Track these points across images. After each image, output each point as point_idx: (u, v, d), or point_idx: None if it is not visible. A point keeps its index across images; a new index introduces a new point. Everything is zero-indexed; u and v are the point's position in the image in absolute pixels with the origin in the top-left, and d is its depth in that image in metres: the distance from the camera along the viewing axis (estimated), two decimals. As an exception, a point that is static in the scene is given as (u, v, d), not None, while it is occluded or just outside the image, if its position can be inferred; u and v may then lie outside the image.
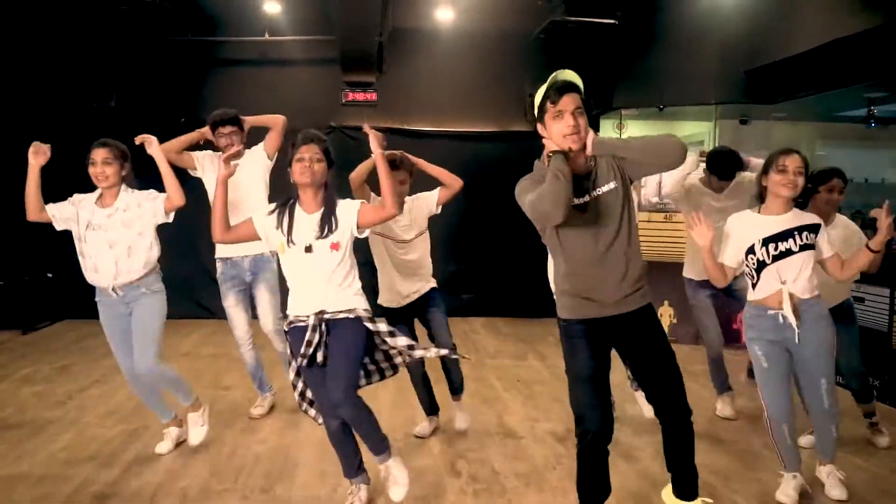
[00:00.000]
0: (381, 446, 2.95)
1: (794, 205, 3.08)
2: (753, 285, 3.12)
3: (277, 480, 3.36)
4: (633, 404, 4.19)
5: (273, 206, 2.95)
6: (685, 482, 2.77)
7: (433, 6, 7.52)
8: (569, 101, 2.46)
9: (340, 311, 2.85)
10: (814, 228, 3.06)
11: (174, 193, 3.44)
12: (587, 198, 2.51)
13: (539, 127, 2.55)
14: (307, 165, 2.81)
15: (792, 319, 2.99)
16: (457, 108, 7.90)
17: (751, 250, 3.07)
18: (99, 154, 3.46)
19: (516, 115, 7.90)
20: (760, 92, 7.08)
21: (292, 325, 2.91)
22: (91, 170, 3.48)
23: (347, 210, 2.87)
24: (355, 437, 2.99)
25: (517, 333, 7.01)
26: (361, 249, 3.17)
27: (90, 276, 3.54)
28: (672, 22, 7.24)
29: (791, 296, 3.01)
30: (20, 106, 7.28)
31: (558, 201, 2.32)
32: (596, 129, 8.18)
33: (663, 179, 5.64)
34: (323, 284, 2.85)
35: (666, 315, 6.81)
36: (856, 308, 3.99)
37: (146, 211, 3.49)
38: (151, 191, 3.57)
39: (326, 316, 2.84)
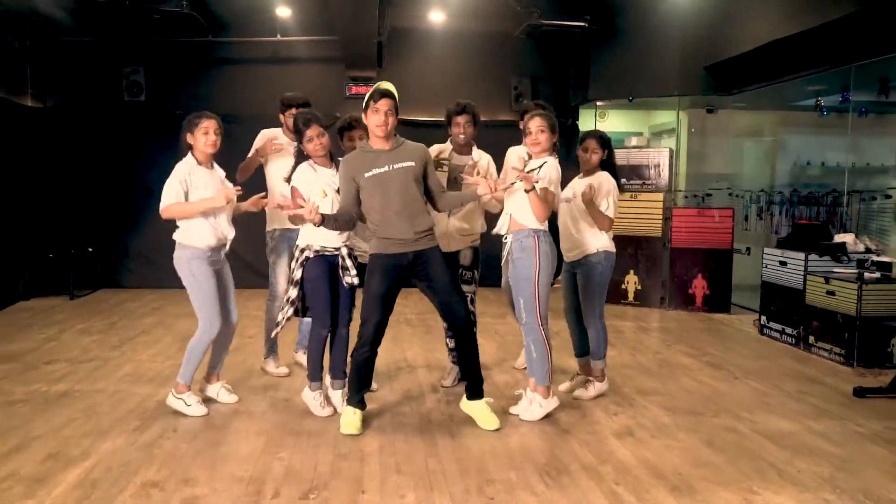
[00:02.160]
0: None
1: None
2: None
3: (295, 399, 4.32)
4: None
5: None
6: (473, 384, 3.77)
7: (427, 9, 8.46)
8: (384, 104, 3.57)
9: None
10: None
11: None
12: (387, 168, 3.60)
13: (363, 115, 3.65)
14: (322, 142, 3.86)
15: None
16: (448, 99, 8.73)
17: None
18: (213, 124, 3.87)
19: (502, 106, 8.84)
20: (718, 84, 7.99)
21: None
22: (206, 139, 3.85)
23: None
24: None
25: (500, 300, 7.95)
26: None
27: (222, 236, 3.95)
28: (635, 23, 8.16)
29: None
30: (63, 103, 8.29)
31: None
32: (575, 117, 9.14)
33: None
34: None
35: (632, 282, 7.75)
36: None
37: None
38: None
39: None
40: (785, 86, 7.71)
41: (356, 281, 3.89)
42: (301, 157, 3.95)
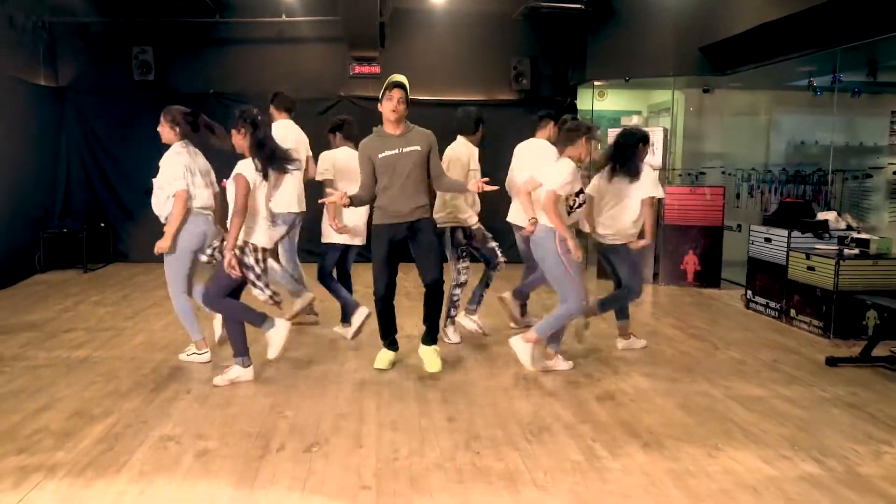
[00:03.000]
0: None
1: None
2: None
3: (301, 362, 4.61)
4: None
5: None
6: (429, 332, 4.41)
7: (428, -10, 8.63)
8: (397, 93, 4.13)
9: None
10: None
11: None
12: (397, 151, 4.15)
13: (379, 105, 4.19)
14: None
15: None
16: (450, 78, 9.06)
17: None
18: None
19: (501, 85, 9.05)
20: (712, 65, 8.16)
21: None
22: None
23: None
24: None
25: (503, 275, 8.21)
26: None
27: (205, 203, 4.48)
28: (631, 4, 8.31)
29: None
30: (83, 78, 8.54)
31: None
32: (574, 97, 9.33)
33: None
34: None
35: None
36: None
37: None
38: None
39: None
40: (779, 66, 7.88)
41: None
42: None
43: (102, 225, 8.53)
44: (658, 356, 4.88)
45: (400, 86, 4.13)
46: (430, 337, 4.43)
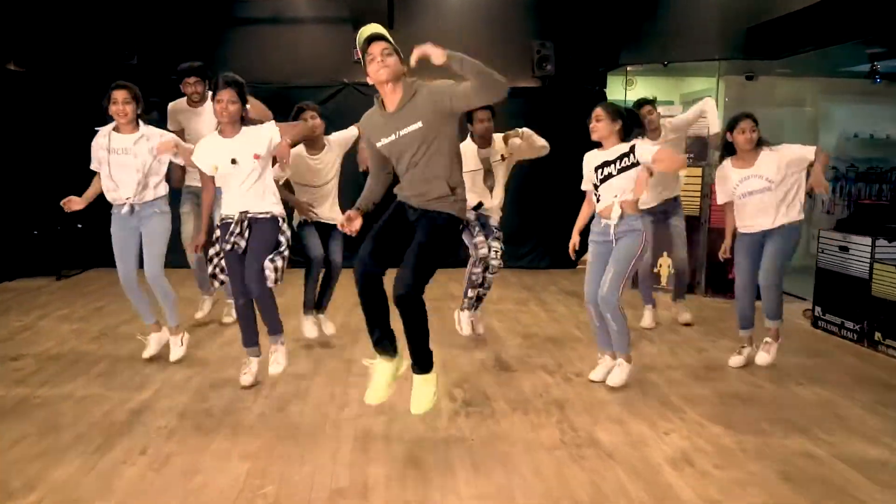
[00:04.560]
0: (276, 328, 3.92)
1: (618, 139, 3.92)
2: (597, 199, 4.04)
3: (292, 400, 3.74)
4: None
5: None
6: (412, 356, 3.18)
7: (442, -36, 7.70)
8: (375, 47, 2.98)
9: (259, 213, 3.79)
10: (631, 152, 3.85)
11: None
12: (394, 136, 3.08)
13: (367, 77, 3.06)
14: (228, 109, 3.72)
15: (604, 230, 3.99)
16: (466, 64, 8.11)
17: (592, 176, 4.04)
18: (120, 95, 4.14)
19: (522, 71, 8.10)
20: (762, 48, 7.21)
21: (223, 221, 3.85)
22: (113, 108, 4.14)
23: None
24: (256, 316, 3.90)
25: (522, 282, 7.34)
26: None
27: (111, 195, 4.27)
28: (675, -22, 7.36)
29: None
30: (49, 65, 7.64)
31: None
32: (603, 84, 8.39)
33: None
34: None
35: (665, 266, 7.09)
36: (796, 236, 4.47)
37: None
38: (164, 131, 4.36)
39: (249, 215, 3.78)
40: (836, 49, 6.94)
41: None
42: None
43: (80, 226, 7.63)
44: (728, 393, 3.97)
45: (374, 38, 2.98)
46: (414, 362, 3.21)
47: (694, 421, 3.53)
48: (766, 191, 4.31)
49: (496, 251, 4.77)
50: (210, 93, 4.82)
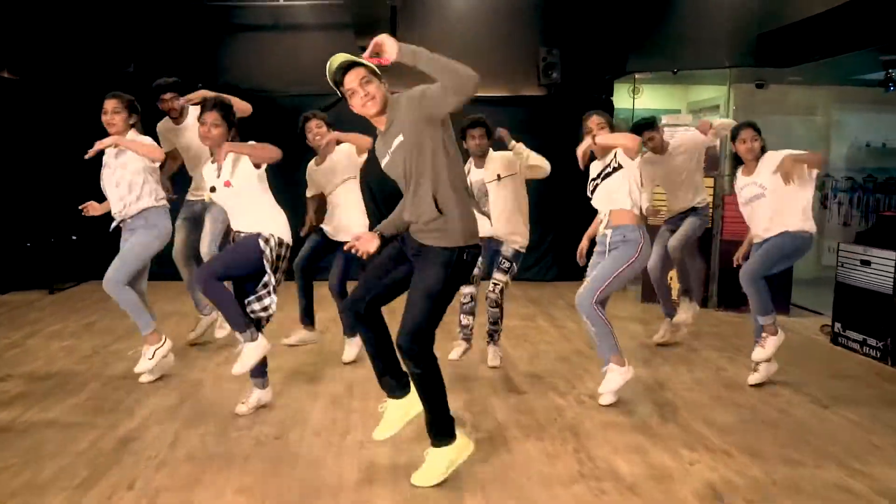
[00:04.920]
0: (237, 326, 3.55)
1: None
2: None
3: (291, 426, 3.53)
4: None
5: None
6: (427, 422, 2.94)
7: (446, -30, 7.54)
8: (351, 78, 2.73)
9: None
10: (614, 160, 3.82)
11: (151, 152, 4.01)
12: (388, 157, 2.85)
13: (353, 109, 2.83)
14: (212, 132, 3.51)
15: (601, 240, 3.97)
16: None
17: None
18: (109, 104, 3.98)
19: (528, 79, 7.93)
20: (774, 55, 7.03)
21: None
22: (103, 118, 3.99)
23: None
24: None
25: (528, 296, 7.14)
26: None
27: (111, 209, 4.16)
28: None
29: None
30: (44, 74, 7.45)
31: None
32: (610, 93, 8.21)
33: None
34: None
35: (675, 279, 6.87)
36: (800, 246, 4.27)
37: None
38: (147, 137, 4.10)
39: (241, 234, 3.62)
40: (849, 56, 6.75)
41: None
42: None
43: (74, 238, 7.44)
44: (753, 418, 3.76)
45: (345, 69, 2.73)
46: (428, 427, 2.91)
47: (720, 449, 3.31)
48: (760, 197, 4.21)
49: (495, 283, 4.48)
50: (190, 107, 4.71)
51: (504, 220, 4.44)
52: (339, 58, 2.74)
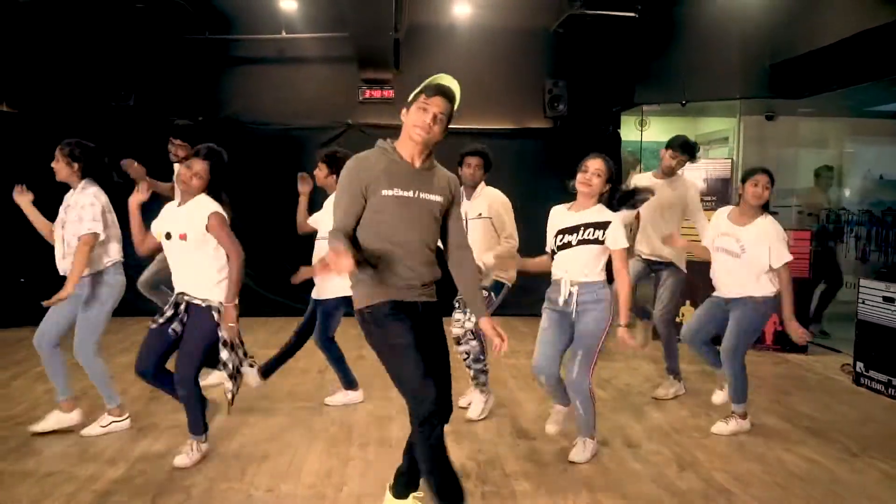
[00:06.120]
0: (196, 429, 3.43)
1: (596, 202, 3.43)
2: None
3: (283, 477, 3.30)
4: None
5: None
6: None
7: (450, 1, 7.46)
8: (437, 104, 2.59)
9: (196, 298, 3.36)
10: (602, 226, 3.36)
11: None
12: (411, 194, 2.60)
13: (403, 111, 2.67)
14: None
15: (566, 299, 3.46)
16: (474, 105, 7.76)
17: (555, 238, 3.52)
18: (56, 151, 3.83)
19: (534, 112, 7.80)
20: (785, 87, 6.90)
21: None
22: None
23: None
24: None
25: (533, 332, 6.86)
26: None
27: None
28: (693, 15, 7.09)
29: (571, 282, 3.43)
30: (43, 106, 7.35)
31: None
32: (617, 125, 8.07)
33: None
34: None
35: (688, 315, 6.65)
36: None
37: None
38: (91, 197, 3.87)
39: (186, 298, 3.38)
40: (862, 87, 6.60)
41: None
42: None
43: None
44: (779, 469, 3.51)
45: (445, 93, 2.60)
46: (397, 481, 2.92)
47: (746, 506, 3.07)
48: (733, 256, 3.91)
49: (457, 320, 4.22)
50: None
51: (484, 252, 4.14)
52: (447, 80, 2.67)
